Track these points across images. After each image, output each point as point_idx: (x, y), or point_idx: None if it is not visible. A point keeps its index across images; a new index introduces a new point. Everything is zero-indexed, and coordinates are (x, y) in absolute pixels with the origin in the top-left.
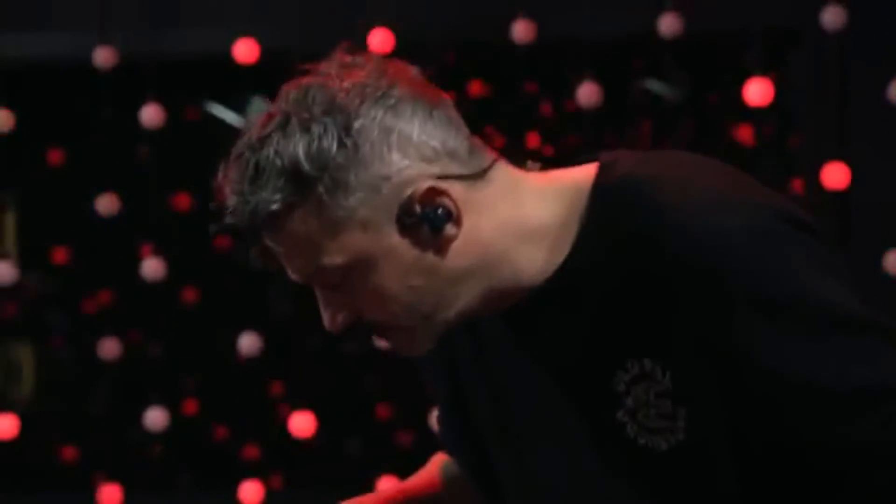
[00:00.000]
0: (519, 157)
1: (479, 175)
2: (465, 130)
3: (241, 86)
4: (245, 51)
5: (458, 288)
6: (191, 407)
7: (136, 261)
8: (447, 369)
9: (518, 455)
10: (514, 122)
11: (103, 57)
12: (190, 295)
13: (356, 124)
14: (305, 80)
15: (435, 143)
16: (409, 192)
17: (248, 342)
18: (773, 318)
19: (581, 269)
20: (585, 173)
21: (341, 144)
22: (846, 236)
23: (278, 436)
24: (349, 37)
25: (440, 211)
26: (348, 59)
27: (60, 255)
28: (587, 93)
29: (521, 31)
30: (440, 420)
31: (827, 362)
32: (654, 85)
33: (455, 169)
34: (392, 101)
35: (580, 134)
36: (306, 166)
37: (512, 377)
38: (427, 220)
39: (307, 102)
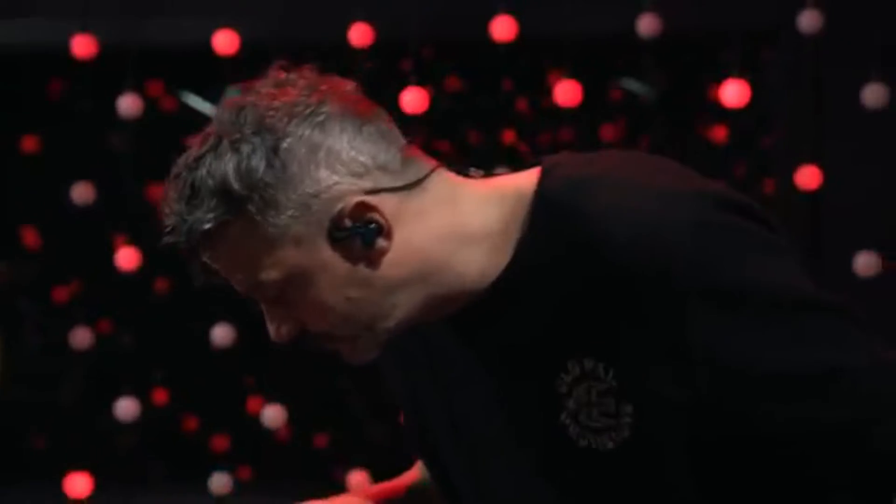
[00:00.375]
0: (494, 154)
1: (412, 186)
2: (400, 142)
3: (221, 77)
4: (225, 42)
5: (395, 297)
6: (162, 397)
7: (109, 250)
8: (403, 377)
9: (470, 460)
10: (492, 119)
11: (82, 45)
12: (163, 285)
13: (284, 144)
14: (240, 100)
15: (364, 157)
16: (338, 207)
17: (221, 333)
18: (726, 309)
19: (523, 274)
20: (527, 178)
21: (269, 164)
22: (817, 238)
23: (249, 428)
24: (329, 30)
25: (371, 225)
26: (283, 76)
27: (33, 243)
28: (565, 91)
29: (501, 28)
30: (405, 425)
31: (783, 348)
32: (632, 84)
33: (386, 182)
34: (320, 119)
35: (557, 132)
36: (236, 186)
37: (460, 383)
38: (358, 234)
39: (239, 123)
